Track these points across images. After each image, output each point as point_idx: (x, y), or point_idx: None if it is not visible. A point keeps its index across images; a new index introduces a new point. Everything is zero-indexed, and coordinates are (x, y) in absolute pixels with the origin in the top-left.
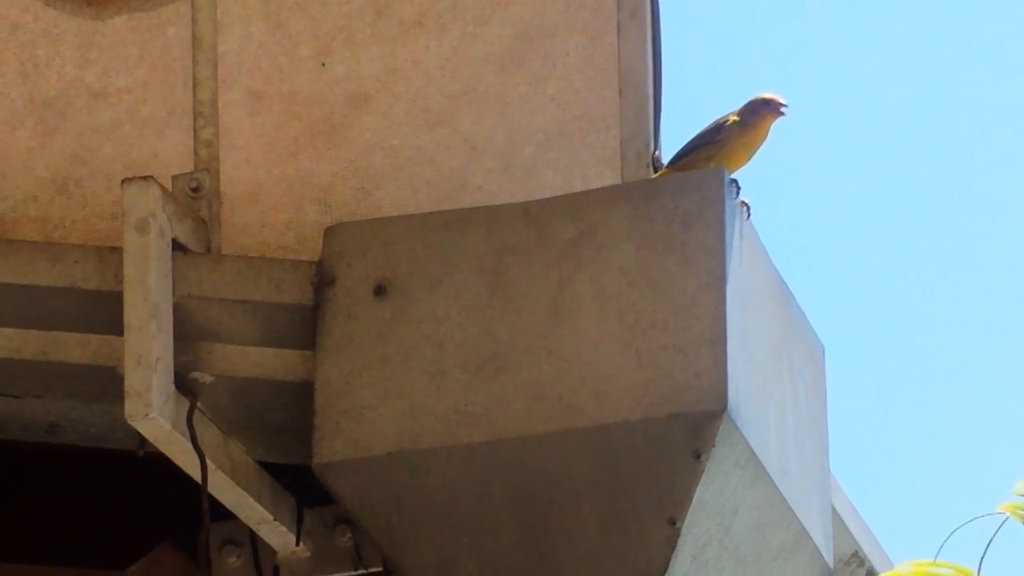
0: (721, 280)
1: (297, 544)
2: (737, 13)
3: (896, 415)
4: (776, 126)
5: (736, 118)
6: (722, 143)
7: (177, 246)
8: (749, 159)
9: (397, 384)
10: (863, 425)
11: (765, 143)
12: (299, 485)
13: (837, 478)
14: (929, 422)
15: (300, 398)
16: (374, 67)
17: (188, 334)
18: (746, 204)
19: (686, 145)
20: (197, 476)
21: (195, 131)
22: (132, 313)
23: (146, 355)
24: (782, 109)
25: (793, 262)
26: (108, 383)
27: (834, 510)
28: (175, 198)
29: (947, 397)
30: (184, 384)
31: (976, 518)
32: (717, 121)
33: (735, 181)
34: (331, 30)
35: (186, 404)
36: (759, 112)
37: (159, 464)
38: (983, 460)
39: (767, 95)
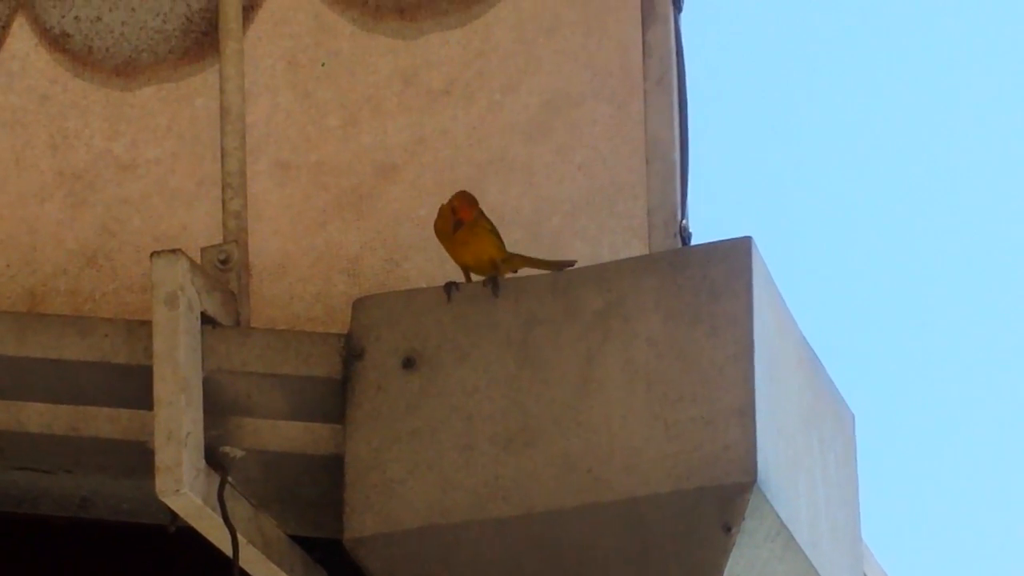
0: (749, 351)
1: None
2: (765, 81)
3: (928, 483)
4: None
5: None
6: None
7: (206, 319)
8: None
9: (427, 457)
10: (895, 494)
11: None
12: (331, 559)
13: (869, 548)
14: (961, 490)
15: (330, 472)
16: (401, 137)
17: (218, 408)
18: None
19: None
20: (229, 551)
21: (224, 202)
22: (162, 388)
23: (176, 430)
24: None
25: (822, 330)
26: (139, 458)
27: None
28: (204, 271)
29: (979, 465)
30: (214, 458)
31: None
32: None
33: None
34: (358, 100)
35: (217, 479)
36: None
37: (191, 538)
38: (1017, 530)
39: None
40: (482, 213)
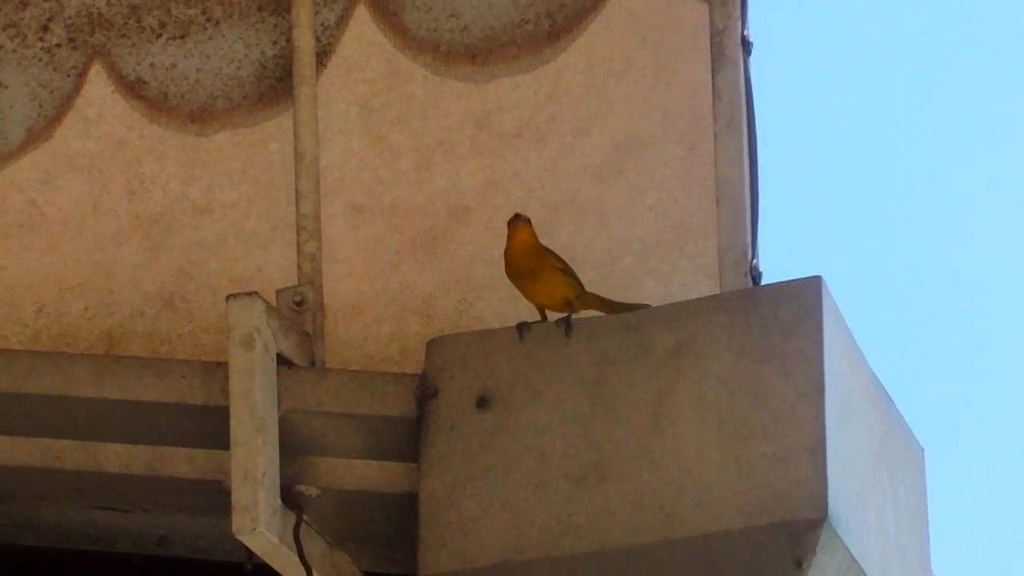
0: (820, 389)
1: None
2: (834, 122)
3: (998, 516)
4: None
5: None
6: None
7: (282, 360)
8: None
9: (501, 495)
10: (965, 528)
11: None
12: None
13: None
14: None
15: (405, 510)
16: (474, 179)
17: (293, 448)
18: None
19: None
20: None
21: (298, 245)
22: (238, 428)
23: (252, 470)
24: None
25: (891, 365)
26: (215, 497)
27: None
28: (279, 313)
29: None
30: (290, 497)
31: None
32: None
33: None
34: (431, 143)
35: (292, 517)
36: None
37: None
38: None
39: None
40: (551, 252)
